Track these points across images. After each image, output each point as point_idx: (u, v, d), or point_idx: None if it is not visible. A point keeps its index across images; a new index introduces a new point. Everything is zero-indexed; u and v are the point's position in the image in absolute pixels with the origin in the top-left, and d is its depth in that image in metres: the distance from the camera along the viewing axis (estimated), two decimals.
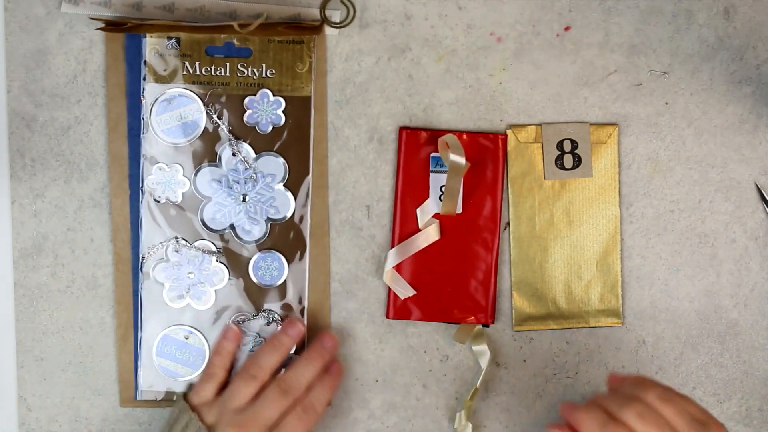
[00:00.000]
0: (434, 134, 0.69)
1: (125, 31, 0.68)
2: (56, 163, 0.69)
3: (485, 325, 0.69)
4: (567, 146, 0.70)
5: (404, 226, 0.69)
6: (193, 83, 0.69)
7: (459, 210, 0.69)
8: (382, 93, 0.70)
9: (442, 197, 0.68)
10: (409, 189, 0.69)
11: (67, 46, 0.69)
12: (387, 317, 0.69)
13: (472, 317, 0.69)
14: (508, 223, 0.70)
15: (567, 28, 0.70)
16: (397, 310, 0.69)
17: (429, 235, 0.68)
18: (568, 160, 0.70)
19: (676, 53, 0.70)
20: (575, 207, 0.70)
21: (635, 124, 0.70)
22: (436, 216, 0.69)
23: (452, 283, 0.69)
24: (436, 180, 0.69)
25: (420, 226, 0.69)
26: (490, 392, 0.71)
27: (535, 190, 0.70)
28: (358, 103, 0.70)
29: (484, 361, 0.69)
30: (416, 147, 0.69)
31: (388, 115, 0.70)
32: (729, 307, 0.71)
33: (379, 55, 0.70)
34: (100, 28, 0.67)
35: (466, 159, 0.67)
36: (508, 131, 0.70)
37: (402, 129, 0.69)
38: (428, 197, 0.69)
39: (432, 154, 0.69)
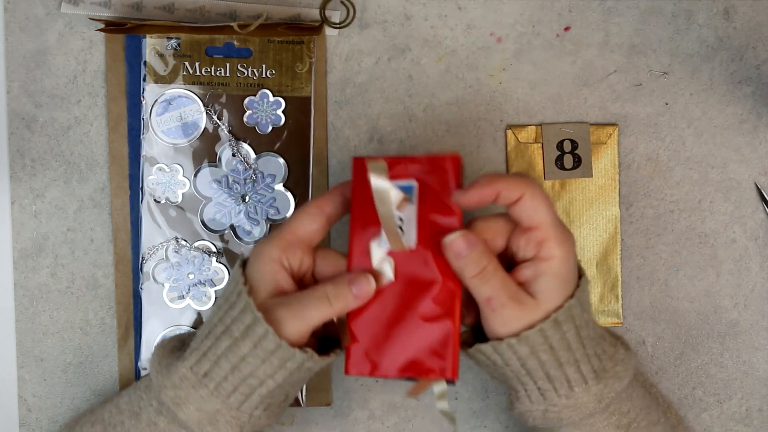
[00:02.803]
0: (388, 161, 0.57)
1: (125, 31, 0.68)
2: (56, 164, 0.69)
3: (450, 382, 0.56)
4: (567, 146, 0.70)
5: (359, 265, 0.57)
6: (193, 84, 0.69)
7: (412, 245, 0.57)
8: (382, 93, 0.70)
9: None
10: (363, 223, 0.57)
11: (67, 47, 0.69)
12: (345, 372, 0.57)
13: (433, 372, 0.56)
14: None
15: (567, 29, 0.70)
16: (354, 363, 0.57)
17: (381, 275, 0.57)
18: (568, 160, 0.70)
19: (676, 53, 0.70)
20: (575, 207, 0.70)
21: (635, 124, 0.70)
22: (390, 253, 0.57)
23: (409, 331, 0.56)
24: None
25: (374, 265, 0.57)
26: (490, 392, 0.71)
27: None
28: (358, 104, 0.70)
29: (452, 425, 0.58)
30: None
31: (388, 115, 0.70)
32: (729, 307, 0.71)
33: (379, 55, 0.70)
34: (100, 29, 0.67)
35: (420, 186, 0.57)
36: (508, 131, 0.70)
37: (354, 159, 0.58)
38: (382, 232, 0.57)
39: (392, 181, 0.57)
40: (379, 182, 0.54)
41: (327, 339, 0.61)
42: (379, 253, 0.57)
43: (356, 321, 0.57)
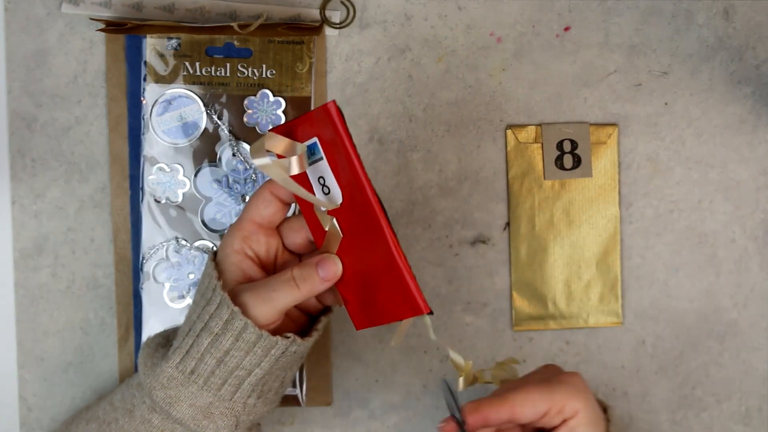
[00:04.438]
0: (284, 128, 0.56)
1: (125, 31, 0.68)
2: (57, 164, 0.69)
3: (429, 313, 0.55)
4: (567, 146, 0.70)
5: (316, 231, 0.57)
6: (194, 84, 0.69)
7: (339, 200, 0.55)
8: (382, 93, 0.70)
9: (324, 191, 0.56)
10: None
11: (67, 47, 0.69)
12: (356, 329, 0.59)
13: (409, 314, 0.55)
14: (508, 223, 0.70)
15: (567, 29, 0.70)
16: (358, 320, 0.58)
17: (333, 236, 0.56)
18: (567, 160, 0.70)
19: (675, 53, 0.70)
20: (575, 207, 0.70)
21: (635, 124, 0.70)
22: (330, 213, 0.56)
23: (376, 280, 0.56)
24: (314, 172, 0.56)
25: (326, 228, 0.56)
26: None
27: (534, 190, 0.70)
28: (358, 104, 0.70)
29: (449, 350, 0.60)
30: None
31: (388, 115, 0.70)
32: (729, 307, 0.71)
33: (379, 55, 0.70)
34: (101, 29, 0.67)
35: (320, 140, 0.54)
36: (508, 131, 0.70)
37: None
38: (315, 194, 0.57)
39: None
40: (260, 161, 0.53)
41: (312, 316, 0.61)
42: (324, 216, 0.56)
43: (341, 282, 0.57)
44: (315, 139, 0.55)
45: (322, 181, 0.55)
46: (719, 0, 0.70)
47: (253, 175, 0.69)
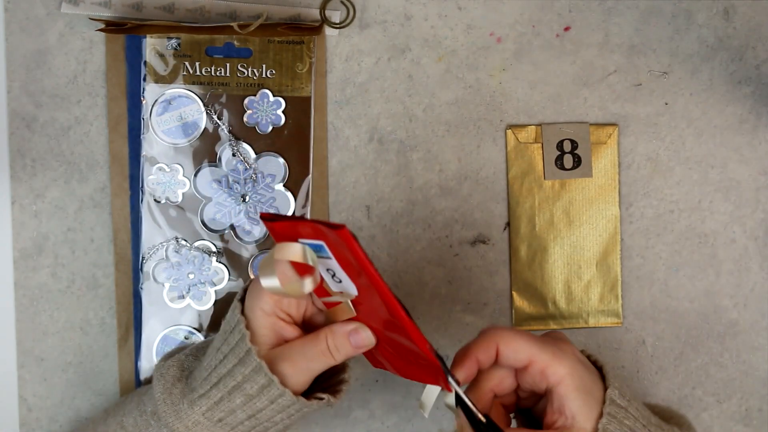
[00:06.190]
0: (291, 225, 0.54)
1: (125, 31, 0.68)
2: (56, 164, 0.69)
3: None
4: (567, 146, 0.70)
5: (331, 305, 0.58)
6: (193, 84, 0.69)
7: (354, 292, 0.55)
8: (382, 93, 0.70)
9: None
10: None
11: (67, 47, 0.69)
12: (374, 366, 0.61)
13: (437, 382, 0.57)
14: (508, 223, 0.71)
15: (567, 29, 0.70)
16: (374, 362, 0.60)
17: (345, 312, 0.57)
18: (567, 160, 0.70)
19: (675, 53, 0.70)
20: (575, 207, 0.70)
21: (635, 124, 0.70)
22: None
23: (397, 345, 0.56)
24: (323, 265, 0.55)
25: (342, 301, 0.57)
26: None
27: (534, 190, 0.70)
28: (358, 104, 0.70)
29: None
30: (289, 237, 0.55)
31: (388, 115, 0.70)
32: (729, 307, 0.71)
33: (379, 55, 0.70)
34: (101, 29, 0.67)
35: (327, 244, 0.53)
36: (508, 131, 0.70)
37: (265, 222, 0.55)
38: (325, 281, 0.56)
39: (300, 240, 0.54)
40: (269, 284, 0.53)
41: None
42: (338, 296, 0.57)
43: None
44: (322, 243, 0.53)
45: (331, 272, 0.55)
46: (719, 0, 0.70)
47: (253, 175, 0.69)
